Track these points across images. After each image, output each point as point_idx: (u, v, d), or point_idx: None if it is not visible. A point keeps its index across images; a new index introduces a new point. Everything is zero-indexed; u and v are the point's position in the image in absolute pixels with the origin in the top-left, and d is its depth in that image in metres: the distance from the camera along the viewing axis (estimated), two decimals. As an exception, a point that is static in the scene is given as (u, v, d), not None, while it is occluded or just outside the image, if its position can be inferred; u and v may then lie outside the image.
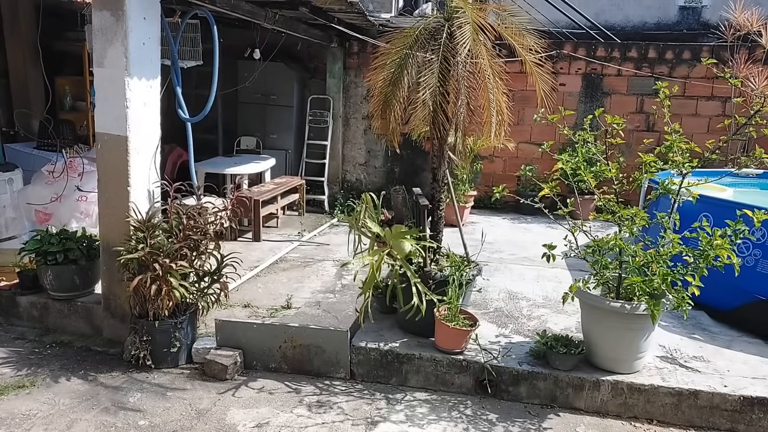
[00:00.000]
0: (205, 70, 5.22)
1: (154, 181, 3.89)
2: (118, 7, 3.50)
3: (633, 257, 3.29)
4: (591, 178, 3.58)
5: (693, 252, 3.18)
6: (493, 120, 3.68)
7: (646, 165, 3.53)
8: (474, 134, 4.07)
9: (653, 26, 10.22)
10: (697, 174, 3.64)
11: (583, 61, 7.86)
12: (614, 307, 3.26)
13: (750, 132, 3.48)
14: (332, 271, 5.52)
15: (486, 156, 8.06)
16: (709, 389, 3.23)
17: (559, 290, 4.59)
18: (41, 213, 5.04)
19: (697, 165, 3.46)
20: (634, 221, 3.36)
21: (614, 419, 3.27)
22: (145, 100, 3.74)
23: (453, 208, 4.53)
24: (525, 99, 7.11)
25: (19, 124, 6.31)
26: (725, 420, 3.20)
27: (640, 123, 7.82)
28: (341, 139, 8.46)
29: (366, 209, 3.68)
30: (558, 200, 3.64)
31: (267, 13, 5.70)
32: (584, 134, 3.65)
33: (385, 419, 3.18)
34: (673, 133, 3.45)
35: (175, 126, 5.22)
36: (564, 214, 3.59)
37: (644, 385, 3.27)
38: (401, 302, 3.58)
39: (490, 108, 3.66)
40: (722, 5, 7.85)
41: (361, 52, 8.19)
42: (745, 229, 3.15)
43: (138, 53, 3.61)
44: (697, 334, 4.02)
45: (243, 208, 5.98)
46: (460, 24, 3.59)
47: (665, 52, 7.71)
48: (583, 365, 3.43)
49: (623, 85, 7.85)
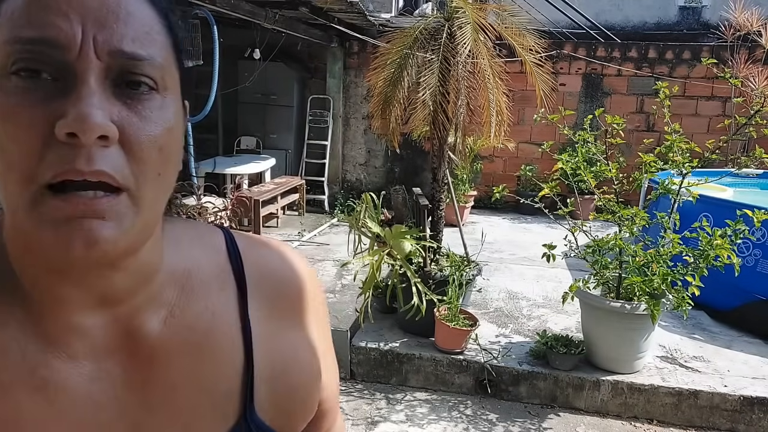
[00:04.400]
0: (205, 70, 5.22)
1: (154, 181, 3.89)
2: (118, 7, 3.49)
3: (633, 257, 3.29)
4: (591, 178, 3.58)
5: (693, 252, 3.18)
6: (493, 120, 3.68)
7: (646, 165, 3.53)
8: (474, 134, 4.07)
9: (653, 26, 10.22)
10: (697, 174, 3.63)
11: (583, 61, 7.86)
12: (614, 307, 3.26)
13: (750, 132, 3.48)
14: (332, 271, 5.53)
15: (486, 156, 8.06)
16: (709, 389, 3.23)
17: (559, 290, 4.59)
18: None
19: (697, 165, 3.46)
20: (634, 221, 3.36)
21: (614, 419, 3.27)
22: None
23: (453, 208, 4.53)
24: (525, 99, 7.11)
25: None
26: (725, 420, 3.20)
27: (640, 123, 7.82)
28: (341, 139, 8.46)
29: (366, 209, 3.68)
30: (558, 200, 3.64)
31: (267, 13, 5.70)
32: (584, 134, 3.65)
33: (386, 419, 3.18)
34: (673, 133, 3.45)
35: (175, 126, 5.22)
36: (564, 214, 3.59)
37: (644, 385, 3.27)
38: (401, 302, 3.58)
39: (490, 108, 3.67)
40: (722, 5, 7.86)
41: (361, 52, 8.19)
42: (745, 229, 3.15)
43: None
44: (697, 334, 4.02)
45: (243, 208, 5.98)
46: (461, 24, 3.59)
47: (665, 52, 7.71)
48: (583, 365, 3.43)
49: (623, 85, 7.85)
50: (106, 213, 0.46)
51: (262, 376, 0.61)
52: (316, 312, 0.70)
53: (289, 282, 0.67)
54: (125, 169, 0.46)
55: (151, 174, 0.48)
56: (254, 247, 0.68)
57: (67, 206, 0.45)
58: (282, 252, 0.70)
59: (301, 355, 0.65)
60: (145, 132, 0.48)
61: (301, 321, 0.67)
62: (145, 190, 0.48)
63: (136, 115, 0.47)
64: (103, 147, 0.45)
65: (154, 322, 0.56)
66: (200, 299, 0.60)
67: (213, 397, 0.58)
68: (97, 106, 0.44)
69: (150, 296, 0.56)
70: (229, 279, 0.63)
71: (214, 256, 0.64)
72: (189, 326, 0.58)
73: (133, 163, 0.47)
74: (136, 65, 0.47)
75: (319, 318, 0.71)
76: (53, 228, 0.45)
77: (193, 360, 0.58)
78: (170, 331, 0.57)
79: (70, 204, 0.45)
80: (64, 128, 0.44)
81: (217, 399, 0.58)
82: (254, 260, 0.65)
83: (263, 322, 0.63)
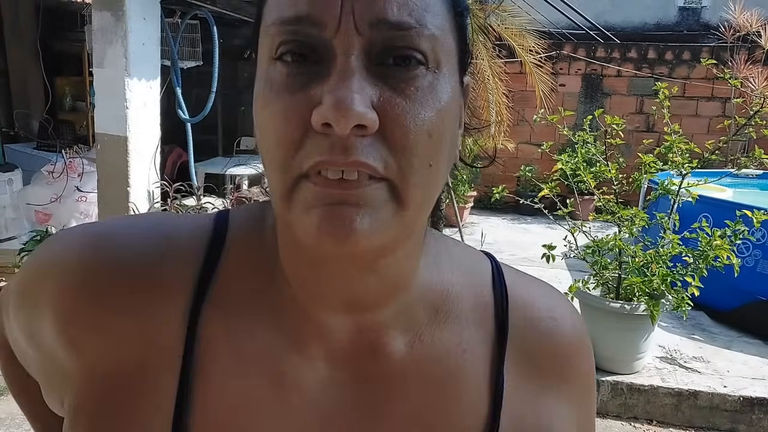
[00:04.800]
0: (205, 70, 5.23)
1: (154, 182, 3.89)
2: (118, 7, 3.50)
3: (633, 258, 3.29)
4: (591, 179, 3.58)
5: (693, 252, 3.18)
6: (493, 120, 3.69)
7: (645, 165, 3.53)
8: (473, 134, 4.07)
9: (653, 27, 10.22)
10: (697, 174, 3.63)
11: (582, 62, 7.86)
12: (614, 308, 3.26)
13: (750, 132, 3.48)
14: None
15: (486, 156, 8.04)
16: (709, 390, 3.23)
17: (558, 291, 4.58)
18: (41, 213, 5.04)
19: (696, 165, 3.46)
20: (634, 222, 3.36)
21: (614, 419, 3.27)
22: (145, 101, 3.74)
23: (453, 209, 4.54)
24: (525, 99, 7.10)
25: (18, 124, 6.31)
26: (725, 420, 3.20)
27: (639, 123, 7.81)
28: (341, 139, 8.45)
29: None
30: (558, 201, 3.64)
31: (267, 13, 5.70)
32: (584, 135, 3.65)
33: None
34: (673, 133, 3.45)
35: (175, 126, 5.22)
36: (564, 214, 3.59)
37: (644, 386, 3.26)
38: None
39: (490, 108, 3.67)
40: (722, 6, 7.86)
41: (361, 53, 8.19)
42: (744, 229, 3.15)
43: (138, 54, 3.61)
44: (696, 335, 4.02)
45: (243, 209, 5.97)
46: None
47: (665, 53, 7.71)
48: (583, 366, 3.43)
49: (623, 85, 7.85)
50: (364, 201, 0.41)
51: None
52: (586, 391, 0.58)
53: (560, 338, 0.56)
54: (389, 158, 0.41)
55: (419, 164, 0.42)
56: (524, 285, 0.58)
57: (322, 192, 0.40)
58: (556, 299, 0.59)
59: (560, 430, 0.54)
60: (412, 116, 0.41)
61: (565, 391, 0.56)
62: (411, 181, 0.42)
63: (400, 96, 0.41)
64: (362, 136, 0.40)
65: (399, 342, 0.51)
66: (454, 332, 0.53)
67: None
68: (355, 90, 0.39)
69: (399, 312, 0.50)
70: (488, 316, 0.54)
71: (476, 286, 0.55)
72: (436, 358, 0.52)
73: (397, 152, 0.41)
74: (404, 36, 0.41)
75: (592, 399, 0.60)
76: (306, 214, 0.41)
77: (433, 396, 0.51)
78: (415, 358, 0.51)
79: (325, 189, 0.40)
80: (319, 118, 0.39)
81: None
82: (522, 302, 0.56)
83: (519, 380, 0.53)
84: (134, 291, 0.48)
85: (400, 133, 0.41)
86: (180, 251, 0.50)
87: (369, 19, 0.40)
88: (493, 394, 0.52)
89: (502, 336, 0.54)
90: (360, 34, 0.40)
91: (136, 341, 0.48)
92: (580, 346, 0.58)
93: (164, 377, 0.48)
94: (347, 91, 0.39)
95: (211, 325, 0.49)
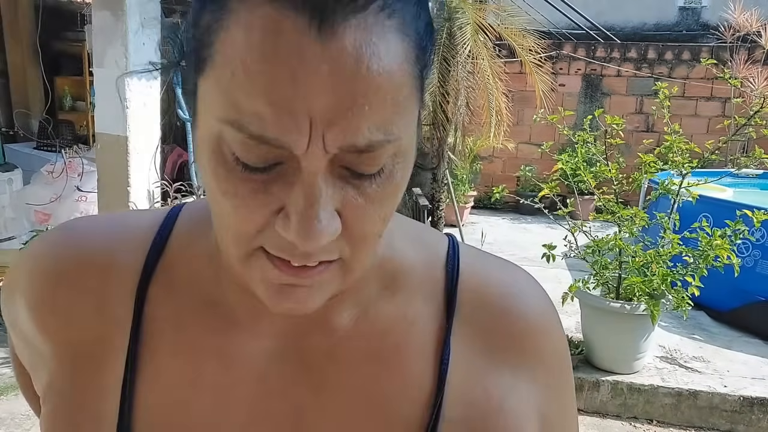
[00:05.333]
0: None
1: (154, 181, 3.89)
2: (118, 7, 3.50)
3: (633, 257, 3.29)
4: (591, 179, 3.58)
5: (693, 252, 3.18)
6: (493, 120, 3.69)
7: (645, 165, 3.53)
8: (474, 134, 4.07)
9: (653, 27, 10.22)
10: (697, 174, 3.64)
11: (582, 62, 7.86)
12: (614, 308, 3.26)
13: (749, 132, 3.48)
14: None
15: (486, 156, 8.06)
16: (709, 389, 3.23)
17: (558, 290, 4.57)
18: (41, 213, 5.04)
19: (696, 165, 3.46)
20: (634, 221, 3.36)
21: (614, 419, 3.27)
22: (145, 100, 3.74)
23: (453, 208, 4.54)
24: (524, 99, 7.10)
25: (18, 124, 6.31)
26: (725, 420, 3.20)
27: (639, 123, 7.81)
28: (341, 139, 8.46)
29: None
30: (558, 200, 3.64)
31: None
32: (584, 134, 3.65)
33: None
34: (673, 133, 3.45)
35: (175, 126, 5.22)
36: (564, 214, 3.59)
37: (644, 386, 3.27)
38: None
39: (490, 108, 3.67)
40: (722, 6, 7.85)
41: (361, 53, 8.18)
42: (744, 229, 3.16)
43: (138, 53, 3.61)
44: (696, 335, 4.02)
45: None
46: (461, 24, 3.60)
47: (665, 53, 7.71)
48: (583, 365, 3.43)
49: (623, 85, 7.85)
50: (318, 283, 0.43)
51: (451, 416, 0.51)
52: (551, 372, 0.57)
53: (516, 317, 0.55)
54: (345, 248, 0.43)
55: (372, 243, 0.44)
56: (481, 264, 0.58)
57: (279, 275, 0.42)
58: (517, 278, 0.59)
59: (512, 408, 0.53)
60: (371, 214, 0.42)
61: (525, 370, 0.55)
62: (362, 256, 0.44)
63: (362, 196, 0.41)
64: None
65: (345, 318, 0.52)
66: (401, 305, 0.54)
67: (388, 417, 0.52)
68: (322, 218, 0.39)
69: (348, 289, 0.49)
70: (437, 292, 0.55)
71: (429, 261, 0.56)
72: (381, 332, 0.53)
73: (355, 244, 0.43)
74: (372, 156, 0.40)
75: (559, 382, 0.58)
76: (262, 283, 0.44)
77: (377, 369, 0.52)
78: (358, 333, 0.53)
79: (283, 273, 0.42)
80: (286, 236, 0.40)
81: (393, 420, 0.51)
82: (476, 280, 0.56)
83: (469, 354, 0.53)
84: (92, 273, 0.53)
85: (359, 230, 0.42)
86: (133, 238, 0.55)
87: (339, 145, 0.38)
88: (438, 367, 0.52)
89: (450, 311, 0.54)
90: (327, 152, 0.39)
91: (95, 319, 0.53)
92: (542, 325, 0.58)
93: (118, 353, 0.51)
94: (315, 222, 0.39)
95: (156, 303, 0.53)
